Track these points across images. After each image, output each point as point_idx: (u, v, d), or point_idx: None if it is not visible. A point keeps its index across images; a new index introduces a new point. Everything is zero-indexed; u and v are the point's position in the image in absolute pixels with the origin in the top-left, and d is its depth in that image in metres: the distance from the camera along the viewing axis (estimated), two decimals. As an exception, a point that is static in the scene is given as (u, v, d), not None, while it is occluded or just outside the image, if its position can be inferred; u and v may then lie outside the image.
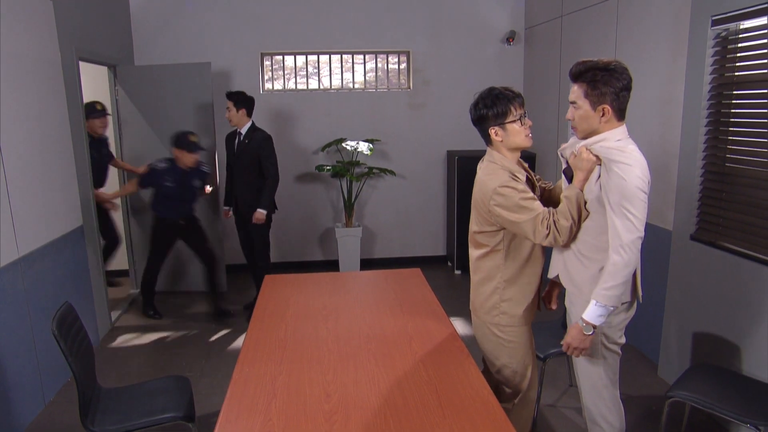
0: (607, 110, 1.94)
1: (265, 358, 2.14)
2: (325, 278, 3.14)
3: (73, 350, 2.19)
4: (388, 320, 2.51)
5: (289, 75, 5.57)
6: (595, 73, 1.92)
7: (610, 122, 1.97)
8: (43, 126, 3.37)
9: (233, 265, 5.46)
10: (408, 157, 5.64)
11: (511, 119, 2.08)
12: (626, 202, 1.87)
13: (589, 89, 1.94)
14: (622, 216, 1.88)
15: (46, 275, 3.31)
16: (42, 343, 3.17)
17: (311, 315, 2.57)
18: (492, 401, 1.82)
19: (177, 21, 5.17)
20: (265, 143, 4.24)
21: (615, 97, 1.93)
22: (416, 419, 1.72)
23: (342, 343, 2.27)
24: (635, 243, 1.88)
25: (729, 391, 2.35)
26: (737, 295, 2.78)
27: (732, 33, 2.85)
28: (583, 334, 1.98)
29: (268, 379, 1.98)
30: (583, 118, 1.99)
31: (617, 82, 1.91)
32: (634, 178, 1.87)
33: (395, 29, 5.42)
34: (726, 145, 2.91)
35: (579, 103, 1.99)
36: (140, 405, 2.35)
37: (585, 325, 1.97)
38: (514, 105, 2.08)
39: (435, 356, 2.14)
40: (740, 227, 2.82)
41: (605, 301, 1.92)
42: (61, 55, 3.66)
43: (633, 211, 1.87)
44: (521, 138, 2.11)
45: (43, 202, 3.32)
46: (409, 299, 2.76)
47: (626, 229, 1.88)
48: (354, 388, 1.91)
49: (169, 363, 3.73)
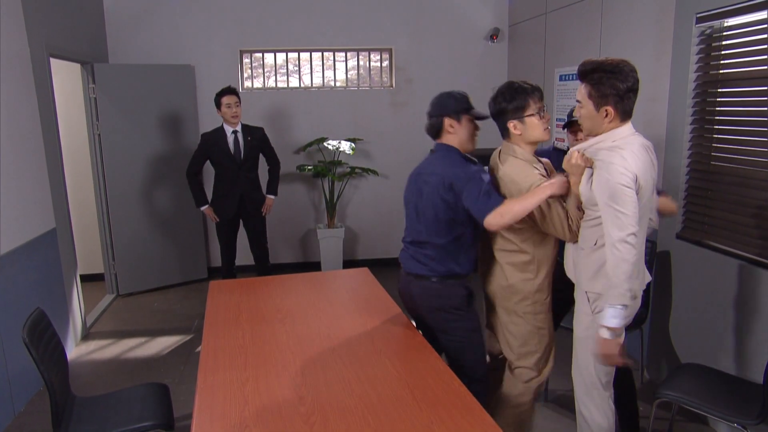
0: (610, 111, 1.94)
1: (227, 365, 2.12)
2: (274, 281, 3.12)
3: (45, 358, 2.11)
4: (346, 320, 2.52)
5: (270, 73, 5.49)
6: (600, 75, 1.92)
7: (614, 123, 1.97)
8: (11, 124, 3.25)
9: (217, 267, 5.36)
10: (391, 157, 5.59)
11: (530, 113, 2.14)
12: (612, 200, 1.88)
13: (592, 90, 1.95)
14: (611, 214, 1.89)
15: (17, 280, 3.19)
16: (12, 351, 3.06)
17: (266, 319, 2.55)
18: (463, 391, 1.87)
19: (152, 16, 5.04)
20: (266, 135, 4.38)
21: (618, 99, 1.92)
22: (394, 414, 1.75)
23: (305, 345, 2.27)
24: (628, 240, 1.86)
25: (716, 391, 2.35)
26: (723, 294, 2.78)
27: (716, 30, 2.85)
28: (609, 340, 1.93)
29: (235, 386, 1.96)
30: (587, 118, 2.01)
31: (621, 84, 1.90)
32: (616, 175, 1.88)
33: (377, 26, 5.36)
34: (711, 143, 2.92)
35: (583, 103, 2.00)
36: (117, 414, 2.28)
37: (604, 330, 1.93)
38: (533, 98, 2.14)
39: (400, 353, 2.17)
40: (726, 225, 2.82)
41: (614, 300, 1.90)
42: (30, 51, 3.54)
43: (620, 208, 1.87)
44: (540, 131, 2.16)
45: (13, 203, 3.21)
46: (362, 298, 2.79)
47: (617, 227, 1.88)
48: (326, 389, 1.92)
49: (146, 369, 3.64)
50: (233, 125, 4.20)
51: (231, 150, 4.19)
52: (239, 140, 4.21)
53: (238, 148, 4.21)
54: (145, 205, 4.93)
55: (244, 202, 4.28)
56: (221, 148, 4.18)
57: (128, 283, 4.94)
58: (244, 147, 4.22)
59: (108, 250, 4.90)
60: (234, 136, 4.20)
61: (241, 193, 4.25)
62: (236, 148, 4.21)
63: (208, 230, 5.36)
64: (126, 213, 4.84)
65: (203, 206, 4.31)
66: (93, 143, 4.73)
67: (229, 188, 4.24)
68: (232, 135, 4.20)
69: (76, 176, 4.95)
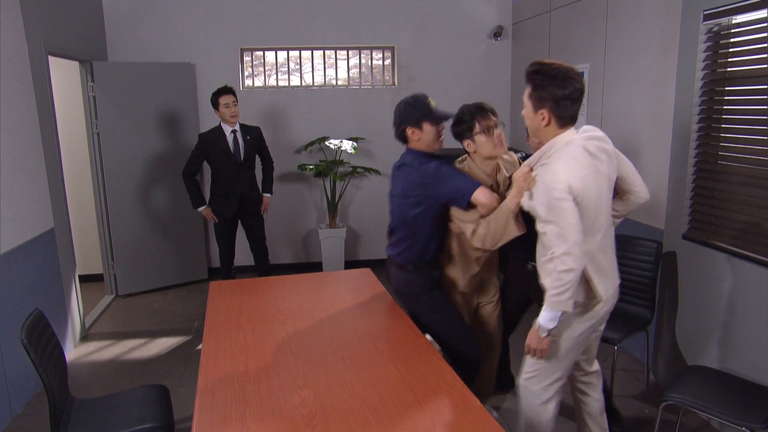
0: (545, 116, 1.98)
1: (228, 366, 2.11)
2: (274, 282, 3.11)
3: (44, 360, 2.10)
4: (349, 321, 2.52)
5: (270, 71, 5.45)
6: (541, 78, 1.95)
7: (551, 128, 2.00)
8: (9, 124, 3.22)
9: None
10: (393, 156, 5.40)
11: (477, 131, 2.38)
12: (550, 214, 1.93)
13: (532, 92, 2.00)
14: (551, 228, 1.94)
15: (15, 281, 3.16)
16: (10, 352, 3.03)
17: (267, 320, 2.54)
18: (467, 393, 1.86)
19: (152, 13, 5.00)
20: (262, 135, 4.40)
21: (554, 104, 1.95)
22: (397, 417, 1.74)
23: (306, 347, 2.26)
24: (569, 251, 1.90)
25: (724, 394, 2.34)
26: (731, 296, 2.75)
27: (724, 28, 2.81)
28: (539, 336, 2.05)
29: (236, 387, 1.95)
30: (527, 117, 2.06)
31: (558, 90, 1.92)
32: (549, 189, 1.92)
33: (379, 24, 5.32)
34: (718, 142, 2.88)
35: (525, 103, 2.05)
36: (116, 416, 2.26)
37: (539, 328, 2.04)
38: (477, 118, 2.37)
39: (403, 354, 2.16)
40: (734, 226, 2.79)
41: (555, 307, 1.97)
42: (29, 49, 3.50)
43: (556, 220, 1.91)
44: (489, 147, 2.39)
45: (11, 203, 3.18)
46: (365, 299, 2.77)
47: (559, 239, 1.92)
48: (328, 391, 1.91)
49: (146, 371, 3.61)
50: (232, 125, 4.18)
51: (231, 149, 4.18)
52: (239, 139, 4.21)
53: (238, 148, 4.20)
54: (144, 204, 4.90)
55: (244, 202, 4.27)
56: (221, 148, 4.15)
57: (128, 284, 4.91)
58: (244, 146, 4.22)
59: (107, 250, 4.86)
60: (233, 136, 4.19)
61: (241, 192, 4.24)
62: (236, 148, 4.20)
63: (208, 230, 5.33)
64: (125, 212, 4.81)
65: (201, 207, 4.27)
66: (92, 142, 4.70)
67: (229, 188, 4.21)
68: (231, 134, 4.19)
69: (74, 175, 4.92)
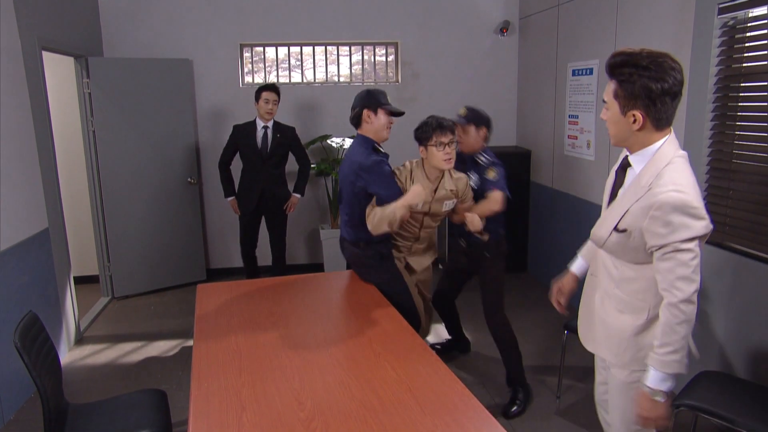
0: (638, 117, 1.61)
1: (221, 370, 2.06)
2: (264, 284, 3.07)
3: (38, 363, 2.08)
4: (342, 323, 2.52)
5: (271, 67, 5.37)
6: (631, 70, 1.58)
7: (645, 132, 1.64)
8: (2, 121, 3.15)
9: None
10: (396, 154, 5.36)
11: (431, 143, 2.75)
12: (674, 237, 1.58)
13: (619, 89, 1.62)
14: (667, 263, 1.61)
15: (8, 282, 3.11)
16: (2, 356, 3.00)
17: (259, 322, 2.49)
18: (467, 393, 1.85)
19: (149, 8, 4.92)
20: (296, 135, 4.48)
21: (649, 103, 1.58)
22: (396, 419, 1.72)
23: (301, 349, 2.22)
24: (692, 299, 1.61)
25: (738, 399, 2.30)
26: (746, 299, 2.70)
27: (740, 22, 2.75)
28: (652, 401, 1.67)
29: (231, 391, 1.91)
30: (612, 122, 1.69)
31: (655, 84, 1.55)
32: (681, 206, 1.58)
33: (383, 19, 5.24)
34: (733, 140, 2.82)
35: (609, 104, 1.68)
36: (112, 421, 2.24)
37: (650, 392, 1.67)
38: (436, 133, 2.73)
39: (399, 355, 2.14)
40: (749, 227, 2.73)
41: (663, 367, 1.65)
42: (22, 44, 3.44)
43: (682, 254, 1.59)
44: (437, 160, 2.77)
45: (4, 202, 3.12)
46: (356, 300, 2.75)
47: (679, 280, 1.60)
48: (326, 393, 1.88)
49: (142, 375, 3.56)
50: (266, 120, 4.30)
51: (258, 144, 4.30)
52: (268, 135, 4.32)
53: (266, 143, 4.31)
54: (141, 204, 4.82)
55: (264, 197, 4.35)
56: (249, 141, 4.30)
57: (124, 286, 4.84)
58: (272, 142, 4.31)
59: (103, 251, 4.78)
60: (264, 131, 4.31)
61: (262, 187, 4.33)
62: (263, 143, 4.31)
63: (206, 231, 5.26)
64: (122, 212, 4.73)
65: (229, 197, 4.46)
66: (87, 140, 4.62)
67: (252, 182, 4.35)
68: (262, 130, 4.31)
69: (69, 174, 4.85)
